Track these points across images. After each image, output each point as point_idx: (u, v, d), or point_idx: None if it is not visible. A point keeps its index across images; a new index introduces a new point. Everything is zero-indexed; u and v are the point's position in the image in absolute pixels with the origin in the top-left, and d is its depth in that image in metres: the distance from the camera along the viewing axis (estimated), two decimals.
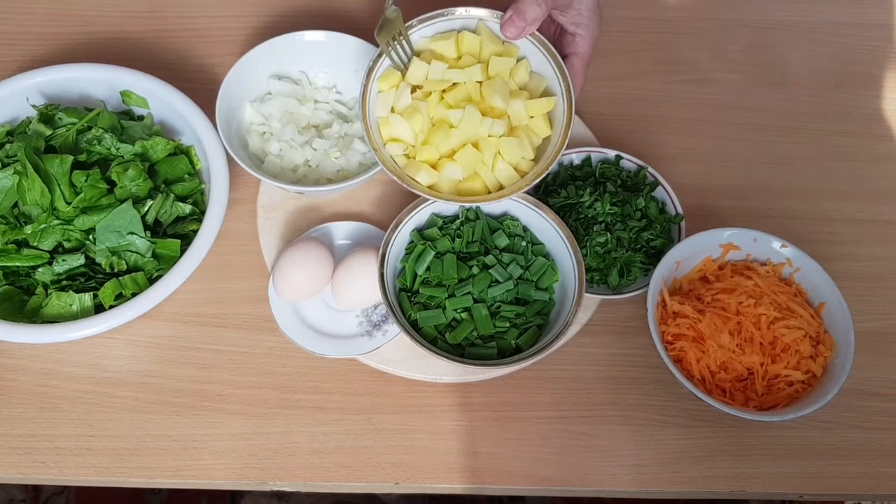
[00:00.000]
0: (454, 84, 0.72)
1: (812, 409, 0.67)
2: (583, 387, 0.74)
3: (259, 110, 0.82)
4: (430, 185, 0.70)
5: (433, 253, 0.72)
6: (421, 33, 0.73)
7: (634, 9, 0.99)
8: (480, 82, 0.72)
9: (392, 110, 0.72)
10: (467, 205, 0.72)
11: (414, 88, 0.73)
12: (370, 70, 0.72)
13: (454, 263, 0.71)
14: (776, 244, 0.76)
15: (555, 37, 0.76)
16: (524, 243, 0.75)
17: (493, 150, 0.71)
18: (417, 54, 0.73)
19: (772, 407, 0.70)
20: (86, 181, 0.72)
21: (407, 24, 0.73)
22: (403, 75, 0.73)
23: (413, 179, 0.70)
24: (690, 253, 0.76)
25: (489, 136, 0.71)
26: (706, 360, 0.71)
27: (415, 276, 0.72)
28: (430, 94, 0.72)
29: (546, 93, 0.74)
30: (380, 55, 0.72)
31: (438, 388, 0.73)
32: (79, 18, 0.94)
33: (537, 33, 0.72)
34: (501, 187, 0.72)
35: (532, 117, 0.73)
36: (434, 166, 0.71)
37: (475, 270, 0.72)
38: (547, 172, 0.70)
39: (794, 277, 0.76)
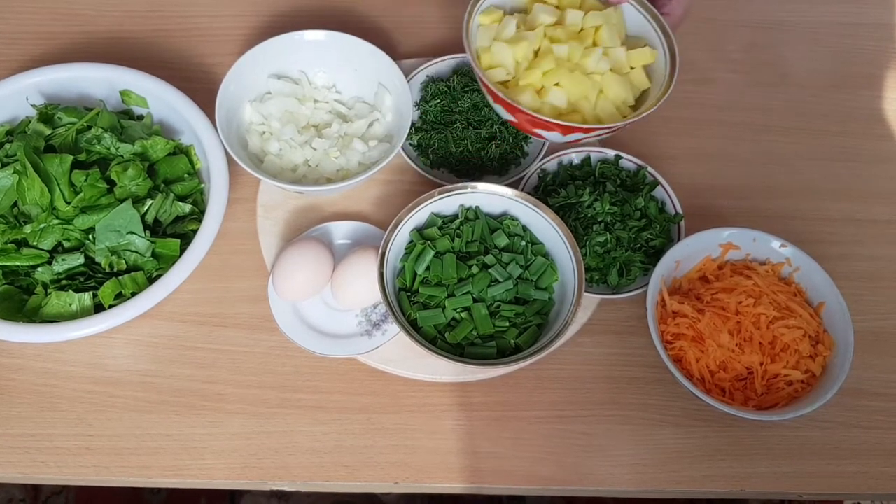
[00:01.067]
0: (558, 23, 0.74)
1: (811, 408, 0.67)
2: (582, 386, 0.74)
3: (259, 110, 0.82)
4: (534, 109, 0.70)
5: (433, 252, 0.72)
6: None
7: None
8: (581, 29, 0.74)
9: (494, 40, 0.74)
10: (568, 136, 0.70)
11: (518, 25, 0.75)
12: (473, 5, 0.74)
13: (454, 263, 0.71)
14: (775, 244, 0.76)
15: None
16: (524, 243, 0.75)
17: (598, 87, 0.72)
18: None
19: (771, 406, 0.70)
20: (85, 181, 0.72)
21: None
22: None
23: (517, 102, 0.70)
24: (690, 252, 0.76)
25: (594, 72, 0.72)
26: (705, 359, 0.71)
27: (414, 275, 0.72)
28: (535, 28, 0.74)
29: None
30: None
31: (438, 388, 0.73)
32: (79, 18, 0.94)
33: None
34: (601, 122, 0.72)
35: (632, 68, 0.74)
36: (538, 92, 0.72)
37: (475, 270, 0.72)
38: (639, 117, 0.70)
39: (793, 277, 0.76)
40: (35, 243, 0.71)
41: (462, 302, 0.70)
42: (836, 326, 0.72)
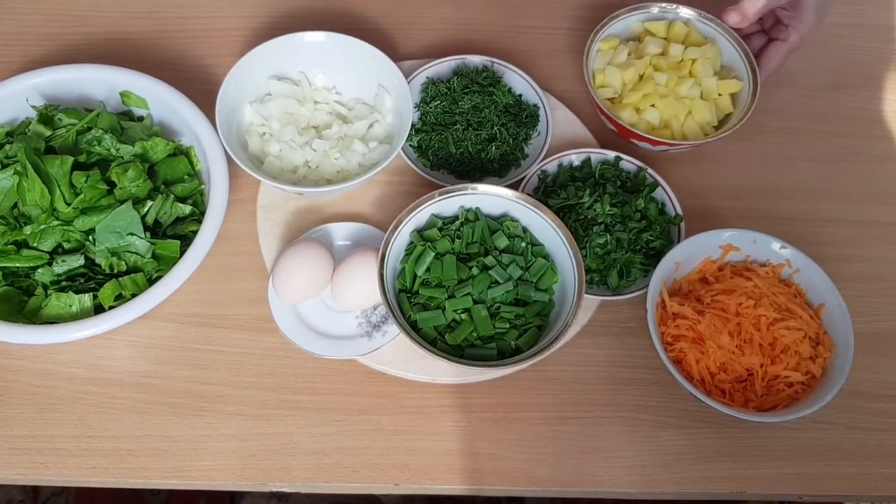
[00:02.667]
0: (662, 54, 0.87)
1: (811, 409, 0.67)
2: (582, 388, 0.74)
3: (259, 111, 0.82)
4: (632, 124, 0.83)
5: (433, 254, 0.72)
6: (636, 18, 0.90)
7: None
8: (681, 60, 0.87)
9: (608, 64, 0.87)
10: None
11: (629, 52, 0.88)
12: (596, 32, 0.87)
13: (454, 264, 0.71)
14: (776, 245, 0.76)
15: (770, 24, 0.86)
16: (524, 244, 0.75)
17: (687, 109, 0.84)
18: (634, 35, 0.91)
19: (771, 408, 0.70)
20: (85, 182, 0.72)
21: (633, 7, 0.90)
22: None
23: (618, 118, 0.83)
24: (690, 254, 0.76)
25: (685, 97, 0.84)
26: (706, 361, 0.71)
27: (414, 276, 0.72)
28: (643, 56, 0.87)
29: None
30: (604, 25, 0.88)
31: (438, 389, 0.73)
32: (79, 19, 0.94)
33: (733, 33, 0.87)
34: (686, 138, 0.84)
35: (720, 95, 0.86)
36: (637, 111, 0.84)
37: (475, 271, 0.72)
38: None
39: (793, 278, 0.76)
40: (35, 244, 0.71)
41: (462, 303, 0.70)
42: (837, 328, 0.72)
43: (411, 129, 0.82)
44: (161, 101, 0.80)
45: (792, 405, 0.69)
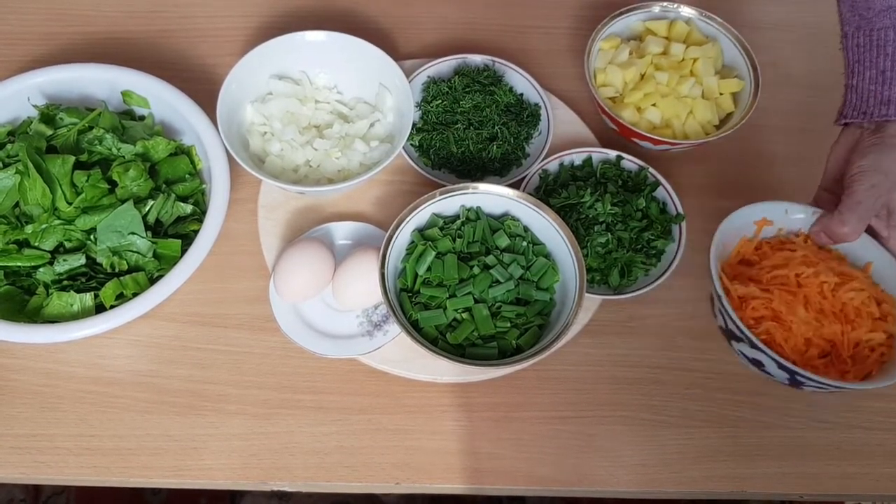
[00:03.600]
0: (664, 53, 0.87)
1: None
2: (583, 387, 0.74)
3: (260, 110, 0.82)
4: (633, 123, 0.82)
5: (434, 253, 0.72)
6: (638, 17, 0.90)
7: None
8: (682, 60, 0.87)
9: (609, 63, 0.87)
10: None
11: (631, 52, 0.88)
12: (597, 31, 0.87)
13: (455, 263, 0.71)
14: (808, 212, 0.74)
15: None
16: (525, 243, 0.75)
17: (688, 108, 0.84)
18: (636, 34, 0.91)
19: (867, 376, 0.67)
20: (87, 181, 0.72)
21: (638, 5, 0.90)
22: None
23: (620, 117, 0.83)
24: (725, 237, 0.73)
25: (686, 96, 0.84)
26: (793, 339, 0.67)
27: (415, 276, 0.72)
28: (644, 55, 0.86)
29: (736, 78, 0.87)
30: (605, 24, 0.88)
31: (439, 389, 0.73)
32: (79, 18, 0.94)
33: (735, 32, 0.86)
34: (687, 138, 0.84)
35: (721, 94, 0.85)
36: (638, 110, 0.85)
37: (476, 270, 0.72)
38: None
39: (829, 244, 0.74)
40: (36, 244, 0.71)
41: (463, 302, 0.70)
42: (892, 281, 0.70)
43: (412, 129, 0.82)
44: (162, 100, 0.80)
45: (885, 369, 0.67)
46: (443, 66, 0.88)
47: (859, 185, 0.68)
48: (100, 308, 0.70)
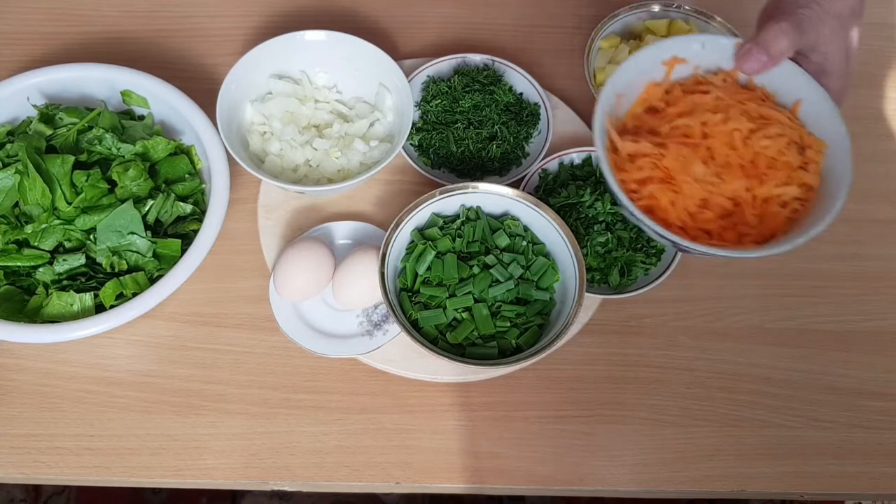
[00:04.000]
0: None
1: (824, 224, 0.57)
2: (583, 386, 0.74)
3: (260, 110, 0.82)
4: None
5: (434, 252, 0.72)
6: (637, 16, 0.89)
7: None
8: None
9: (609, 62, 0.87)
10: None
11: (630, 51, 0.87)
12: (597, 31, 0.86)
13: (455, 263, 0.71)
14: (727, 43, 0.63)
15: None
16: (525, 243, 0.75)
17: None
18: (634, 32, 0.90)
19: (771, 237, 0.59)
20: (87, 181, 0.72)
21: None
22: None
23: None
24: (629, 82, 0.63)
25: None
26: (682, 200, 0.59)
27: (415, 275, 0.72)
28: None
29: None
30: (605, 23, 0.87)
31: (439, 388, 0.74)
32: (79, 18, 0.94)
33: (735, 32, 0.82)
34: None
35: None
36: None
37: (476, 270, 0.72)
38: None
39: (753, 80, 0.64)
40: (36, 244, 0.71)
41: (463, 302, 0.70)
42: (823, 122, 0.60)
43: (412, 128, 0.82)
44: (162, 100, 0.80)
45: (795, 228, 0.58)
46: (442, 65, 0.88)
47: (790, 4, 0.60)
48: (100, 308, 0.70)
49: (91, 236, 0.72)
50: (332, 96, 0.86)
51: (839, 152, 0.60)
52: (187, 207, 0.76)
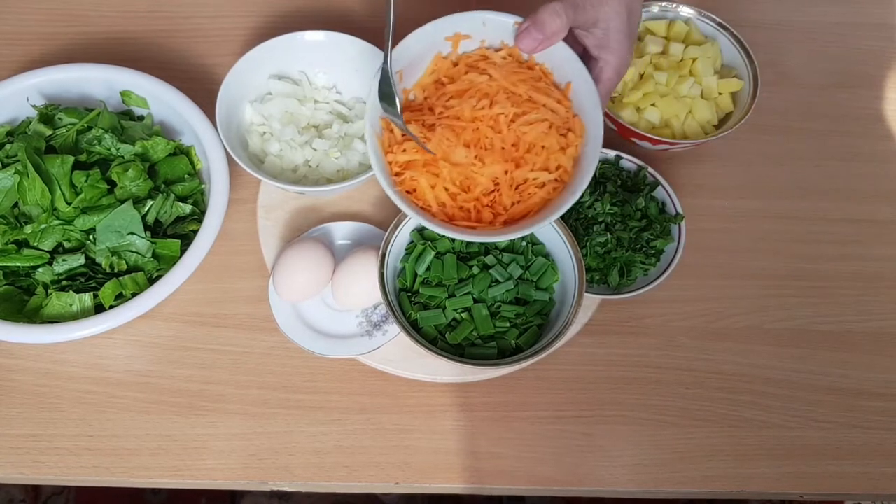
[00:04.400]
0: (663, 53, 0.87)
1: (556, 214, 0.60)
2: (583, 387, 0.74)
3: (259, 110, 0.82)
4: (632, 123, 0.82)
5: (433, 253, 0.72)
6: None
7: None
8: (682, 59, 0.87)
9: None
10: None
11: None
12: None
13: (454, 263, 0.71)
14: (509, 20, 0.64)
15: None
16: (524, 243, 0.75)
17: (687, 108, 0.84)
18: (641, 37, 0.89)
19: (524, 216, 0.62)
20: (86, 181, 0.72)
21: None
22: None
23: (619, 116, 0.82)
24: (416, 56, 0.65)
25: (685, 96, 0.84)
26: (442, 183, 0.62)
27: (415, 275, 0.72)
28: (643, 55, 0.87)
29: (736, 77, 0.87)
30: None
31: (438, 388, 0.73)
32: (79, 18, 0.94)
33: (734, 31, 0.85)
34: (686, 137, 0.83)
35: (720, 93, 0.86)
36: (637, 110, 0.85)
37: (475, 270, 0.72)
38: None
39: (534, 58, 0.66)
40: (36, 244, 0.71)
41: (462, 302, 0.70)
42: (585, 106, 0.62)
43: None
44: (161, 100, 0.80)
45: (544, 210, 0.61)
46: None
47: None
48: (99, 308, 0.70)
49: (90, 237, 0.72)
50: (332, 97, 0.86)
51: (593, 139, 0.62)
52: (187, 208, 0.76)
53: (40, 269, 0.71)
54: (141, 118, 0.82)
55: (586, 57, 0.66)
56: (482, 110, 0.63)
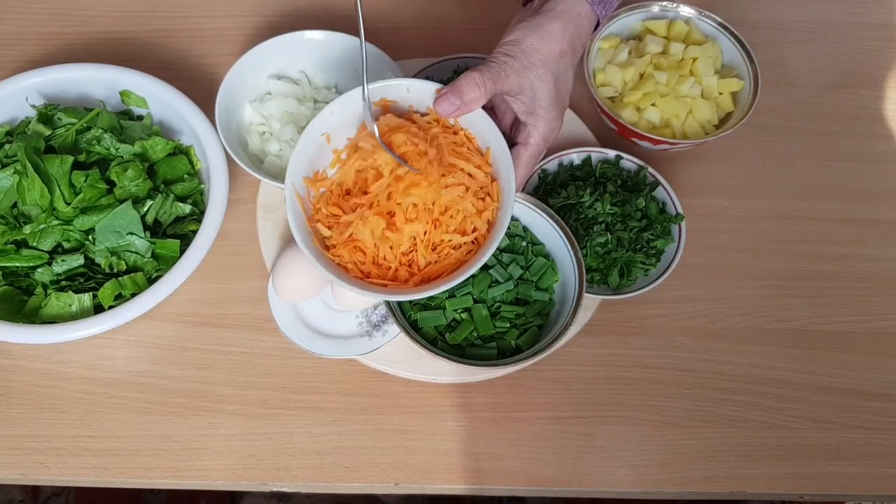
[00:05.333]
0: (663, 53, 0.87)
1: (461, 278, 0.62)
2: (583, 387, 0.74)
3: (259, 110, 0.82)
4: (632, 123, 0.82)
5: None
6: (637, 17, 0.90)
7: None
8: (682, 59, 0.87)
9: (608, 63, 0.87)
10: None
11: (630, 51, 0.88)
12: (597, 31, 0.78)
13: None
14: (431, 87, 0.66)
15: (512, 123, 0.70)
16: (524, 243, 0.75)
17: (688, 108, 0.84)
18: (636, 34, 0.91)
19: (439, 276, 0.64)
20: (85, 181, 0.72)
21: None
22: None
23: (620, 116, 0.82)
24: (342, 121, 0.67)
25: (686, 96, 0.84)
26: (367, 259, 0.65)
27: None
28: (643, 55, 0.87)
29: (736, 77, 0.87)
30: (604, 25, 0.83)
31: (438, 389, 0.73)
32: (78, 18, 0.94)
33: (734, 31, 0.86)
34: (686, 137, 0.83)
35: (721, 93, 0.86)
36: (637, 110, 0.85)
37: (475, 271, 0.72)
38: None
39: (459, 123, 0.68)
40: (35, 244, 0.71)
41: (462, 303, 0.70)
42: (500, 172, 0.64)
43: None
44: (161, 100, 0.80)
45: (458, 270, 0.63)
46: (442, 66, 0.88)
47: (497, 54, 0.64)
48: (98, 308, 0.70)
49: (90, 237, 0.72)
50: (331, 96, 0.86)
51: (505, 206, 0.64)
52: (186, 208, 0.76)
53: (39, 270, 0.71)
54: (140, 118, 0.82)
55: (516, 121, 0.68)
56: (406, 179, 0.64)
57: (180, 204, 0.75)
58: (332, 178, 0.69)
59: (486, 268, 0.72)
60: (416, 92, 0.67)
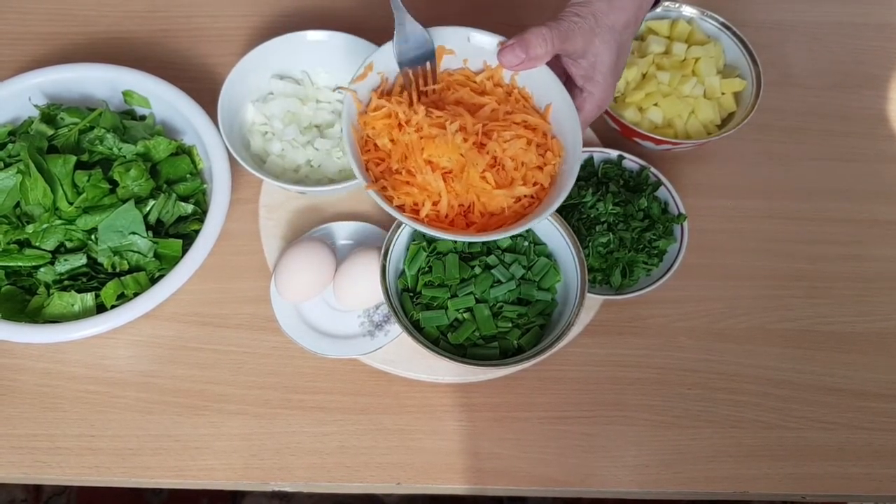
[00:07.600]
0: (666, 53, 0.87)
1: (525, 226, 0.61)
2: (585, 387, 0.74)
3: (261, 110, 0.82)
4: (635, 123, 0.83)
5: (426, 253, 0.72)
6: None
7: None
8: (684, 59, 0.87)
9: None
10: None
11: (633, 51, 0.87)
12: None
13: (456, 263, 0.71)
14: (493, 40, 0.65)
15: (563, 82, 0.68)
16: (526, 243, 0.75)
17: (690, 108, 0.84)
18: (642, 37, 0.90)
19: (498, 226, 0.63)
20: (88, 181, 0.72)
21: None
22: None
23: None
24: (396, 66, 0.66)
25: (688, 96, 0.84)
26: (426, 199, 0.63)
27: (416, 276, 0.72)
28: (646, 55, 0.87)
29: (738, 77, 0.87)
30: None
31: (440, 389, 0.73)
32: (80, 18, 0.94)
33: (736, 31, 0.86)
34: (689, 137, 0.83)
35: (723, 93, 0.86)
36: (640, 110, 0.85)
37: (477, 270, 0.72)
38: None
39: (516, 81, 0.67)
40: (38, 244, 0.71)
41: (464, 303, 0.70)
42: (565, 128, 0.64)
43: None
44: (163, 100, 0.80)
45: (520, 220, 0.63)
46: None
47: (567, 13, 0.63)
48: (101, 308, 0.70)
49: (92, 236, 0.72)
50: (334, 96, 0.86)
51: (572, 159, 0.63)
52: (188, 208, 0.76)
53: (42, 269, 0.71)
54: (143, 118, 0.82)
55: (570, 85, 0.66)
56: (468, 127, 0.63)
57: (183, 204, 0.75)
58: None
59: (487, 267, 0.72)
60: (476, 43, 0.65)
